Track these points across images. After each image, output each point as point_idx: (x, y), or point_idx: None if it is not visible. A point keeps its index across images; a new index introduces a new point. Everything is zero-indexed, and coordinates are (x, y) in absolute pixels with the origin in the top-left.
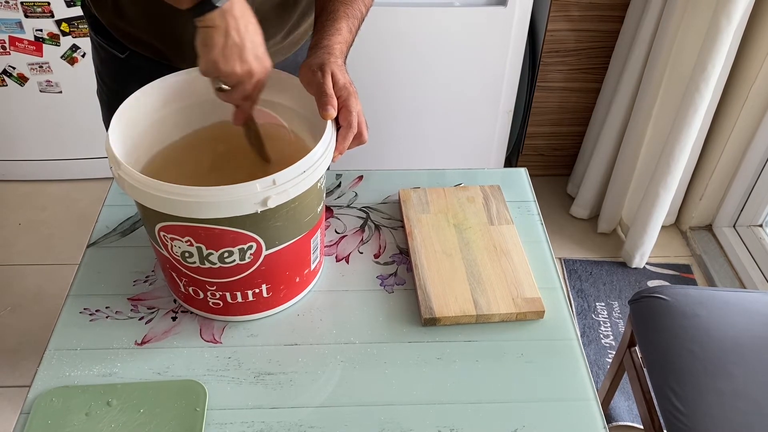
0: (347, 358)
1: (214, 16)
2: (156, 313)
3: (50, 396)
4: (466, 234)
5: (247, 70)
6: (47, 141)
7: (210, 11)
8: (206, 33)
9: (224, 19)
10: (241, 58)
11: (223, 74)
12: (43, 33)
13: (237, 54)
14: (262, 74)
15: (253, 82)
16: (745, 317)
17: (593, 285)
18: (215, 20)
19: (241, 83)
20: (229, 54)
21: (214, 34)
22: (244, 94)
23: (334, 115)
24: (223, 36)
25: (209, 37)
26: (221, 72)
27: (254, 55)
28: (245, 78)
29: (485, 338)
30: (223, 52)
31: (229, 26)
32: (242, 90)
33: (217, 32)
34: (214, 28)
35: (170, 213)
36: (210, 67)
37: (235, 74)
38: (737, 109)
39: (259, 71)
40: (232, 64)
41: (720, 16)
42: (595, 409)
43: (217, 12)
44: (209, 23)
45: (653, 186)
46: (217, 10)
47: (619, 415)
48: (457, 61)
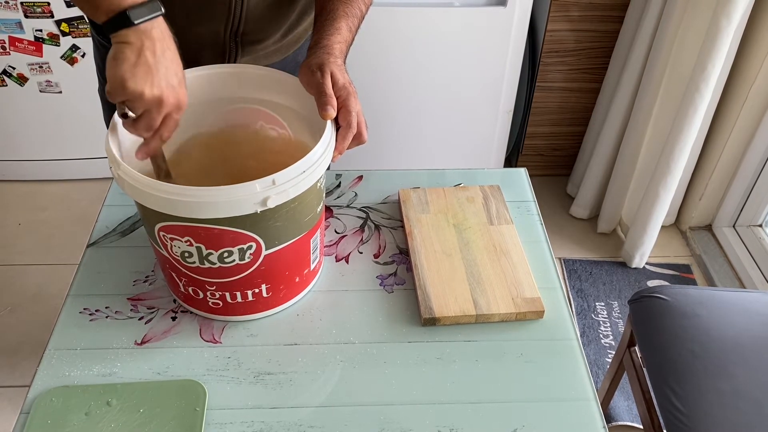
0: (347, 358)
1: (129, 33)
2: (156, 313)
3: (50, 396)
4: (465, 234)
5: (157, 96)
6: (47, 141)
7: (125, 27)
8: (118, 48)
9: (139, 37)
10: (151, 82)
11: (129, 94)
12: (43, 33)
13: (148, 76)
14: (173, 107)
15: (163, 113)
16: (745, 317)
17: (593, 285)
18: (129, 37)
19: (148, 111)
20: (138, 72)
21: (126, 50)
22: (151, 125)
23: (334, 115)
24: (135, 54)
25: (120, 51)
26: (127, 90)
27: (167, 82)
28: (152, 105)
29: (485, 338)
30: (132, 70)
31: (144, 45)
32: (149, 119)
33: (130, 49)
34: (127, 44)
35: (170, 213)
36: (116, 85)
37: (143, 97)
38: (737, 109)
39: (169, 101)
40: (141, 84)
41: (720, 16)
42: (594, 408)
43: (133, 29)
44: (122, 39)
45: (653, 186)
46: (132, 27)
47: (618, 414)
48: (457, 61)
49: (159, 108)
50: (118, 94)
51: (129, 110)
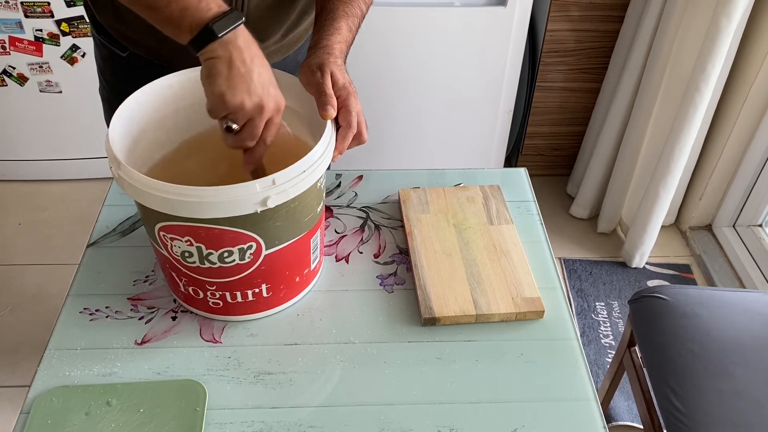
0: (347, 358)
1: (216, 47)
2: (156, 313)
3: (50, 396)
4: (465, 234)
5: (257, 104)
6: (47, 141)
7: (211, 41)
8: (209, 64)
9: (227, 49)
10: (249, 90)
11: (231, 107)
12: (43, 33)
13: (244, 85)
14: (273, 111)
15: (264, 118)
16: (745, 317)
17: (593, 285)
18: (217, 51)
19: (251, 120)
20: (235, 85)
21: (218, 64)
22: (254, 134)
23: (334, 114)
24: (226, 66)
25: (212, 67)
26: (228, 105)
27: (263, 89)
28: (255, 113)
29: (485, 338)
30: (228, 83)
31: (233, 56)
32: (252, 128)
33: (221, 62)
34: (217, 58)
35: (170, 213)
36: (216, 100)
37: (244, 108)
38: (737, 109)
39: (270, 107)
40: (240, 96)
41: (720, 16)
42: (594, 408)
43: (219, 42)
44: (211, 54)
45: (653, 186)
46: (218, 40)
47: (619, 414)
48: (457, 61)
49: (261, 115)
50: (220, 110)
51: (232, 123)
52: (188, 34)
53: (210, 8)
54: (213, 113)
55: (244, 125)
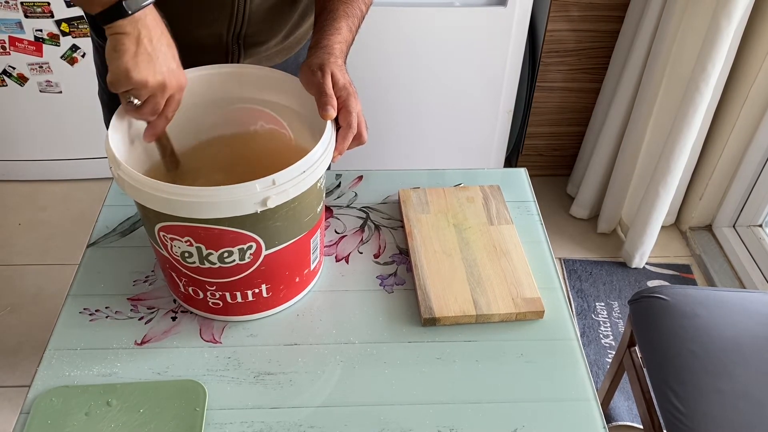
0: (347, 358)
1: (125, 23)
2: (156, 313)
3: (50, 396)
4: (465, 234)
5: (160, 81)
6: (47, 141)
7: (121, 18)
8: (116, 39)
9: (135, 26)
10: (153, 69)
11: (134, 83)
12: (43, 33)
13: (149, 63)
14: (175, 89)
15: (166, 95)
16: (745, 317)
17: (593, 285)
18: (125, 27)
19: (153, 96)
20: (139, 62)
21: (125, 40)
22: (156, 109)
23: (334, 115)
24: (134, 43)
25: (119, 43)
26: (132, 80)
27: (167, 67)
28: (157, 90)
29: (485, 338)
30: (134, 60)
31: (141, 34)
32: (154, 104)
33: (128, 39)
34: (125, 34)
35: (170, 213)
36: (120, 75)
37: (147, 85)
38: (737, 109)
39: (172, 85)
40: (144, 73)
41: (720, 16)
42: (594, 409)
43: (128, 19)
44: (119, 30)
45: (653, 186)
46: (128, 17)
47: (619, 415)
48: (457, 61)
49: (163, 92)
50: (122, 85)
51: (134, 98)
52: (98, 7)
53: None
54: (114, 87)
55: (145, 101)
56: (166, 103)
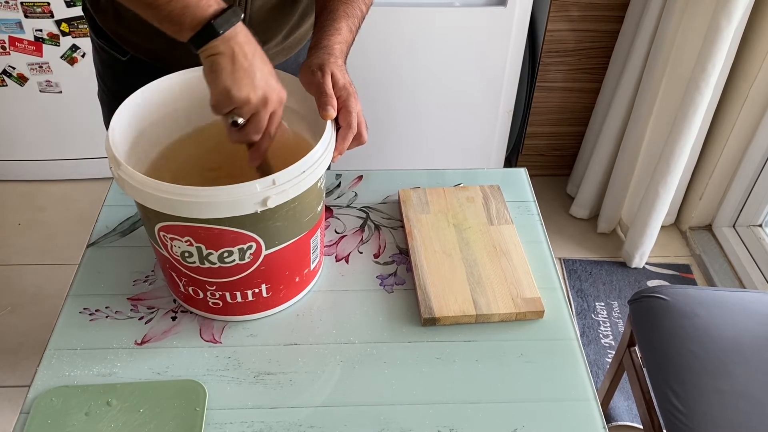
0: (347, 358)
1: (218, 44)
2: (156, 313)
3: (50, 396)
4: (465, 234)
5: (262, 97)
6: (47, 141)
7: (213, 39)
8: (211, 60)
9: (228, 45)
10: (253, 84)
11: (237, 102)
12: (43, 33)
13: (248, 79)
14: (277, 104)
15: (269, 111)
16: (745, 317)
17: (593, 285)
18: (219, 47)
19: (256, 113)
20: (239, 78)
21: (221, 60)
22: (260, 127)
23: (334, 115)
24: (230, 62)
25: (215, 63)
26: (234, 99)
27: (266, 82)
28: (260, 106)
29: (485, 338)
30: (233, 78)
31: (235, 52)
32: (258, 122)
33: (224, 58)
34: (219, 54)
35: (170, 213)
36: (222, 95)
37: (249, 101)
38: (737, 109)
39: (273, 99)
40: (246, 90)
41: (720, 16)
42: (594, 409)
43: (220, 39)
44: (213, 51)
45: (653, 186)
46: (219, 37)
47: (618, 415)
48: (457, 61)
49: (265, 108)
50: (225, 105)
51: (237, 118)
52: (189, 32)
53: (210, 5)
54: (218, 108)
55: (248, 120)
56: (269, 120)
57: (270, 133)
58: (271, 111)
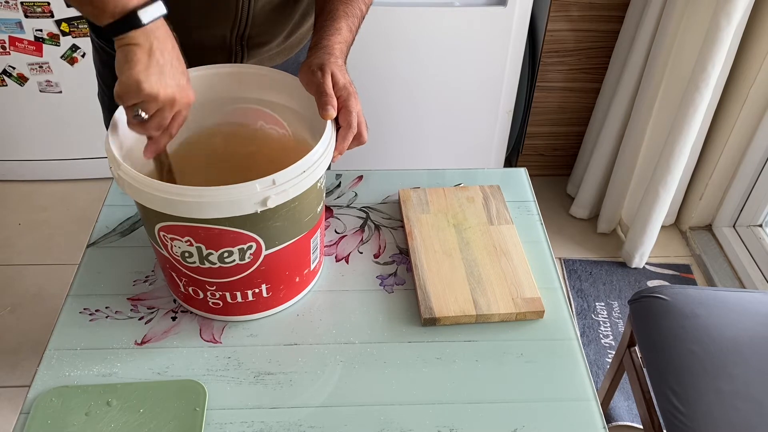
0: (347, 358)
1: (138, 34)
2: (156, 313)
3: (50, 396)
4: (465, 234)
5: (170, 96)
6: (47, 141)
7: (134, 29)
8: (128, 50)
9: (148, 38)
10: (165, 82)
11: (144, 96)
12: (43, 33)
13: (160, 76)
14: (184, 105)
15: (174, 111)
16: (745, 317)
17: (593, 285)
18: (138, 38)
19: (161, 111)
20: (152, 74)
21: (137, 51)
22: (162, 124)
23: (334, 115)
24: (146, 55)
25: (131, 54)
26: (142, 93)
27: (177, 82)
28: (166, 104)
29: (485, 338)
30: (146, 72)
31: (153, 46)
32: (161, 119)
33: (141, 50)
34: (137, 45)
35: (170, 213)
36: (131, 87)
37: (157, 98)
38: (737, 109)
39: (182, 100)
40: (156, 86)
41: (720, 16)
42: (594, 409)
43: (141, 30)
44: (131, 41)
45: (653, 186)
46: (140, 28)
47: (619, 415)
48: (457, 61)
49: (171, 107)
50: (132, 97)
51: (141, 112)
52: (109, 18)
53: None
54: (123, 99)
55: (152, 115)
56: (172, 119)
57: (171, 132)
58: (176, 111)
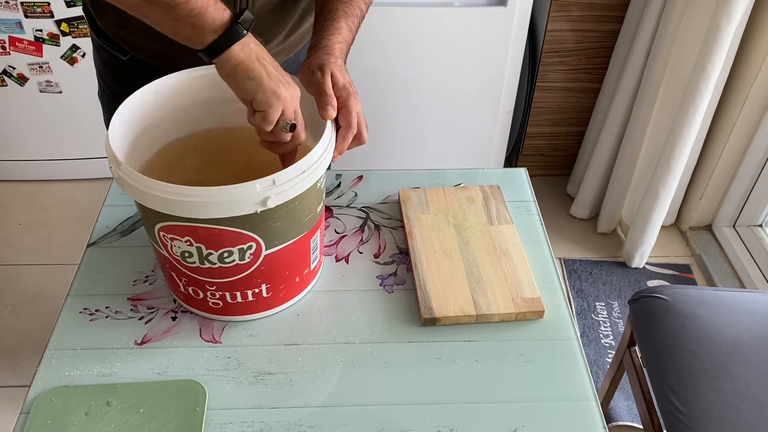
0: (347, 358)
1: (237, 51)
2: (156, 313)
3: (50, 396)
4: (465, 234)
5: (293, 94)
6: (47, 141)
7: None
8: (243, 69)
9: (246, 50)
10: (286, 82)
11: (284, 102)
12: (43, 33)
13: (279, 78)
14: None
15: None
16: (745, 317)
17: (593, 285)
18: (238, 55)
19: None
20: (276, 79)
21: (252, 66)
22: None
23: (334, 115)
24: (259, 65)
25: (250, 71)
26: (282, 98)
27: (286, 80)
28: (296, 103)
29: (485, 338)
30: (271, 79)
31: (258, 55)
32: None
33: (252, 63)
34: (243, 62)
35: (170, 213)
36: (272, 98)
37: (294, 98)
38: (737, 109)
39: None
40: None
41: (720, 16)
42: (594, 409)
43: (240, 45)
44: (235, 61)
45: (653, 186)
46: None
47: (619, 415)
48: (457, 61)
49: (295, 103)
50: (277, 107)
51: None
52: (211, 34)
53: (220, 6)
54: (269, 115)
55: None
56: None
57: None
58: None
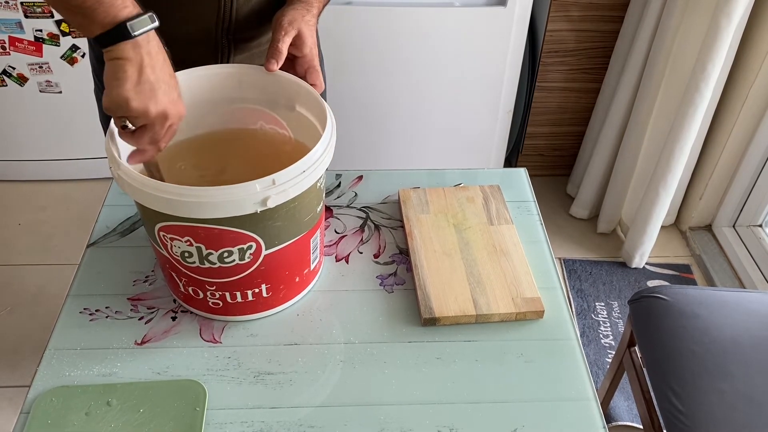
0: (347, 358)
1: (127, 48)
2: (156, 313)
3: (50, 396)
4: (465, 234)
5: (161, 112)
6: (47, 141)
7: (123, 40)
8: (117, 65)
9: (138, 52)
10: (156, 99)
11: (134, 113)
12: (43, 33)
13: (151, 93)
14: (175, 119)
15: (166, 126)
16: (745, 317)
17: (593, 285)
18: (127, 52)
19: (151, 125)
20: (141, 91)
21: (127, 67)
22: (155, 139)
23: (275, 69)
24: (137, 71)
25: (121, 70)
26: (132, 110)
27: (169, 98)
28: (157, 120)
29: (485, 338)
30: (136, 89)
31: (143, 62)
32: (152, 133)
33: (131, 65)
34: (127, 60)
35: (170, 213)
36: (120, 103)
37: (148, 115)
38: (737, 109)
39: (173, 115)
40: (146, 102)
41: (720, 16)
42: (594, 408)
43: (131, 43)
44: (120, 55)
45: (653, 186)
46: (130, 41)
47: (618, 415)
48: (457, 61)
49: (163, 123)
50: (120, 112)
51: (129, 123)
52: (99, 28)
53: (126, 6)
54: (111, 112)
55: (143, 128)
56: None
57: (160, 146)
58: (168, 126)
